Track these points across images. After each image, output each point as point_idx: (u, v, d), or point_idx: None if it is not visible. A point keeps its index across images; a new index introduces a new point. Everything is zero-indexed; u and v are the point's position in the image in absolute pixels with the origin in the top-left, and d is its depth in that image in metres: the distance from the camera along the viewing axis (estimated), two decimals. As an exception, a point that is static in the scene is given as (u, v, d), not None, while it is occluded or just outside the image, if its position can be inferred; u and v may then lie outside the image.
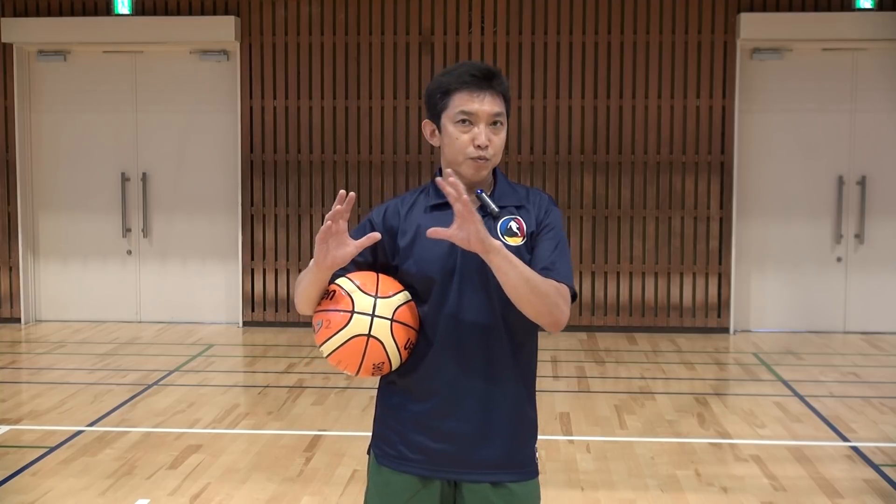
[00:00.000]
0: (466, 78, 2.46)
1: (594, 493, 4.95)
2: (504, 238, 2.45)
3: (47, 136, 9.86)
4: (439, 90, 2.49)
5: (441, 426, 2.47)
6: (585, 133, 9.40)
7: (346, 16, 9.50)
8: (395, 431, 2.52)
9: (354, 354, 2.41)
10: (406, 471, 2.50)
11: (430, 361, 2.46)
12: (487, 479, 2.48)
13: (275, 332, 9.40)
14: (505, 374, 2.48)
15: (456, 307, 2.44)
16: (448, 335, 2.45)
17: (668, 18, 9.32)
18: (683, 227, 9.42)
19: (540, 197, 2.56)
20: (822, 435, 6.04)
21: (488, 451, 2.47)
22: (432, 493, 2.50)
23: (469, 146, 2.45)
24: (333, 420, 6.30)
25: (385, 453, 2.54)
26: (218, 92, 9.72)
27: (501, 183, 2.56)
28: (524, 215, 2.51)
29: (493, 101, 2.46)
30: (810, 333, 9.42)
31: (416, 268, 2.48)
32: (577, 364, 8.04)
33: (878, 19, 9.06)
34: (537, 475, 2.57)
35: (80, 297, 9.93)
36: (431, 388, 2.47)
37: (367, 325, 2.39)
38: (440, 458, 2.48)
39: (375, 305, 2.40)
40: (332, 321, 2.41)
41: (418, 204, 2.54)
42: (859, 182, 9.39)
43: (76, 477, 5.18)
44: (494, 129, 2.47)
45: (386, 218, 2.54)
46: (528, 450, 2.53)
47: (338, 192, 2.34)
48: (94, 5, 9.61)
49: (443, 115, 2.49)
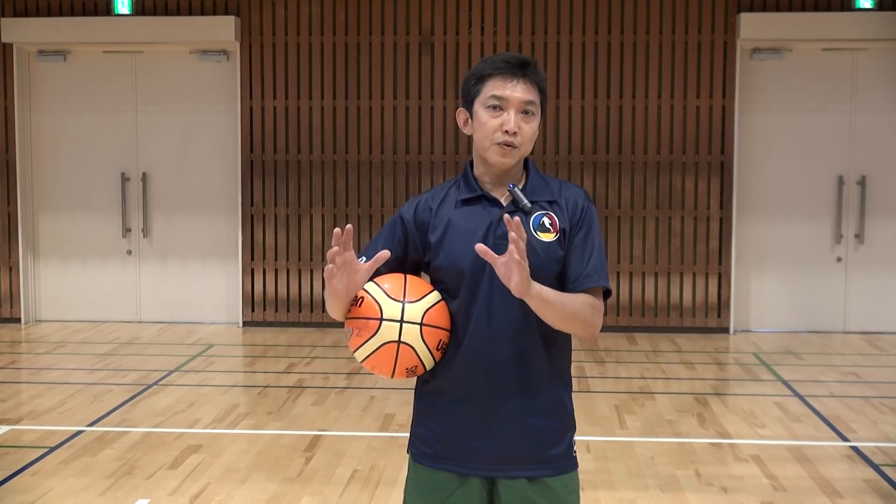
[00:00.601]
0: (501, 64, 2.46)
1: (594, 493, 4.95)
2: (536, 233, 2.44)
3: (47, 136, 9.86)
4: (474, 76, 2.50)
5: (476, 423, 2.46)
6: (585, 133, 9.40)
7: (346, 16, 9.50)
8: (431, 430, 2.52)
9: (387, 361, 2.40)
10: (443, 469, 2.49)
11: (463, 358, 2.45)
12: (524, 475, 2.46)
13: (275, 332, 9.40)
14: (538, 367, 2.46)
15: (487, 302, 2.43)
16: (480, 331, 2.43)
17: (668, 18, 9.32)
18: (683, 227, 9.42)
19: (574, 192, 2.53)
20: (822, 435, 6.04)
21: (524, 447, 2.46)
22: (471, 491, 2.49)
23: (497, 131, 2.43)
24: (333, 420, 6.30)
25: (422, 452, 2.53)
26: (218, 92, 9.72)
27: (534, 177, 2.53)
28: (556, 211, 2.48)
29: (526, 88, 2.45)
30: (810, 333, 9.41)
31: (446, 263, 2.46)
32: (577, 364, 8.04)
33: (878, 19, 9.06)
34: (576, 468, 2.55)
35: (80, 297, 9.93)
36: (464, 385, 2.46)
37: (396, 332, 2.38)
38: (476, 455, 2.47)
39: (404, 311, 2.39)
40: (362, 329, 2.40)
41: (449, 198, 2.53)
42: (859, 182, 9.39)
43: (76, 477, 5.18)
44: (525, 118, 2.45)
45: (417, 213, 2.54)
46: (564, 443, 2.52)
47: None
48: (94, 5, 9.61)
49: (475, 101, 2.48)
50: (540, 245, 2.43)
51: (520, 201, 2.45)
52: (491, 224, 2.45)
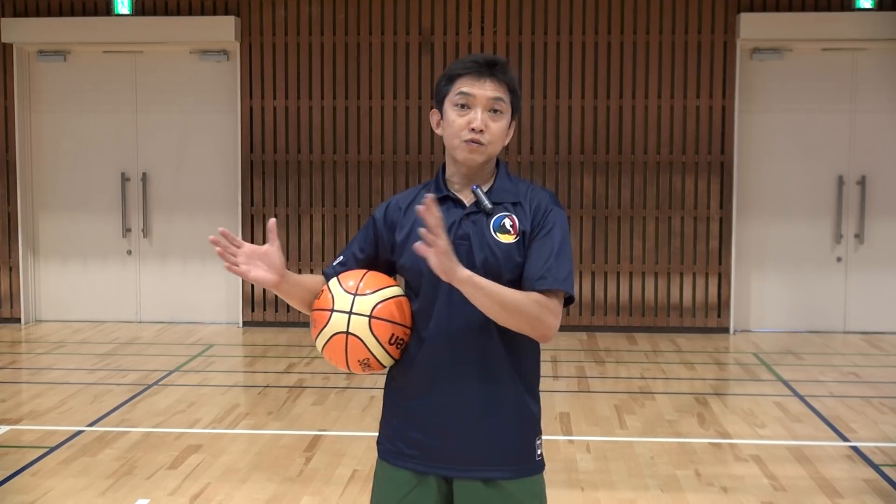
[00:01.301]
0: (469, 64, 2.48)
1: (594, 493, 4.95)
2: (496, 235, 2.45)
3: (47, 136, 9.86)
4: (444, 77, 2.52)
5: (435, 422, 2.48)
6: (585, 133, 9.40)
7: (346, 16, 9.50)
8: (394, 427, 2.55)
9: (338, 351, 2.46)
10: (403, 466, 2.52)
11: (423, 357, 2.47)
12: (478, 476, 2.47)
13: (275, 332, 9.40)
14: (499, 369, 2.47)
15: (447, 303, 2.44)
16: (440, 331, 2.45)
17: (668, 18, 9.32)
18: (683, 227, 9.42)
19: (539, 195, 2.52)
20: (822, 435, 6.03)
21: (481, 448, 2.47)
22: (429, 490, 2.51)
23: (464, 129, 2.45)
24: (333, 420, 6.30)
25: (386, 449, 2.57)
26: (218, 92, 9.73)
27: (502, 178, 2.54)
28: (519, 213, 2.48)
29: (494, 87, 2.46)
30: (810, 333, 9.42)
31: (409, 262, 2.50)
32: (577, 364, 8.04)
33: (878, 19, 9.06)
34: (539, 472, 2.54)
35: (80, 297, 9.93)
36: (425, 384, 2.48)
37: (345, 323, 2.43)
38: (434, 454, 2.48)
39: (353, 303, 2.43)
40: (317, 320, 2.48)
41: (418, 199, 2.54)
42: (859, 182, 9.39)
43: (76, 477, 5.18)
44: (493, 116, 2.46)
45: (387, 213, 2.58)
46: (525, 446, 2.51)
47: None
48: (94, 5, 9.61)
49: (445, 100, 2.50)
50: (499, 246, 2.44)
51: (481, 202, 2.47)
52: (453, 224, 2.47)
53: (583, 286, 9.46)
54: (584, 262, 9.46)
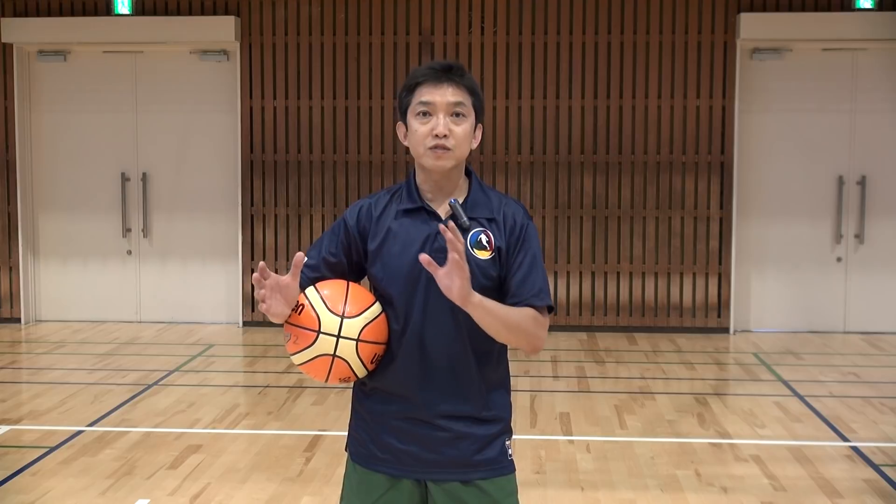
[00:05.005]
0: (426, 72, 2.49)
1: (594, 493, 4.95)
2: (473, 251, 2.46)
3: (47, 136, 9.86)
4: (405, 89, 2.53)
5: (407, 427, 2.50)
6: (585, 133, 9.40)
7: (346, 16, 9.50)
8: (366, 431, 2.57)
9: (321, 370, 2.46)
10: (376, 470, 2.54)
11: (398, 365, 2.49)
12: (455, 478, 2.49)
13: (275, 332, 9.40)
14: (470, 376, 2.49)
15: (421, 312, 2.46)
16: (413, 339, 2.47)
17: (668, 18, 9.32)
18: (683, 227, 9.42)
19: (513, 210, 2.54)
20: (822, 435, 6.04)
21: (455, 451, 2.49)
22: (402, 493, 2.53)
23: (428, 136, 2.46)
24: (333, 420, 6.30)
25: (358, 452, 2.59)
26: (218, 92, 9.73)
27: (475, 190, 2.55)
28: (494, 229, 2.50)
29: (453, 91, 2.47)
30: (810, 333, 9.41)
31: (382, 272, 2.51)
32: (577, 364, 8.04)
33: (878, 19, 9.06)
34: (512, 472, 2.57)
35: (80, 297, 9.93)
36: (398, 390, 2.50)
37: (332, 346, 2.42)
38: (407, 458, 2.51)
39: (342, 326, 2.42)
40: (299, 337, 2.44)
41: (391, 207, 2.55)
42: (859, 182, 9.39)
43: (76, 477, 5.18)
44: (456, 120, 2.47)
45: (359, 219, 2.57)
46: (496, 447, 2.54)
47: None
48: (94, 5, 9.61)
49: (408, 111, 2.51)
50: (475, 262, 2.44)
51: (459, 217, 2.46)
52: (428, 237, 2.48)
53: (583, 286, 9.46)
54: (584, 262, 9.46)
